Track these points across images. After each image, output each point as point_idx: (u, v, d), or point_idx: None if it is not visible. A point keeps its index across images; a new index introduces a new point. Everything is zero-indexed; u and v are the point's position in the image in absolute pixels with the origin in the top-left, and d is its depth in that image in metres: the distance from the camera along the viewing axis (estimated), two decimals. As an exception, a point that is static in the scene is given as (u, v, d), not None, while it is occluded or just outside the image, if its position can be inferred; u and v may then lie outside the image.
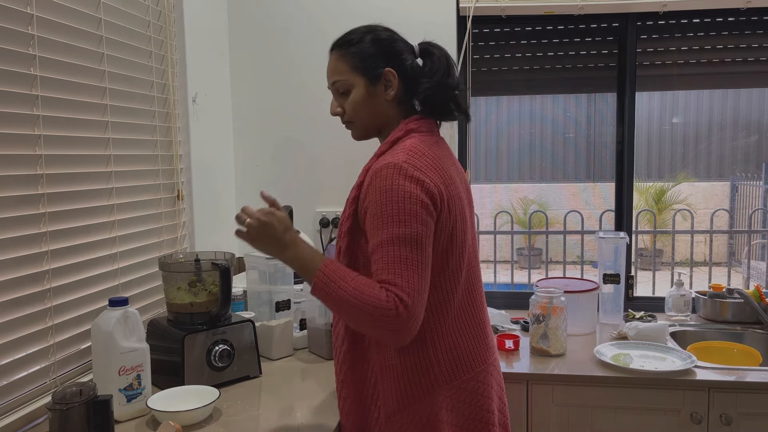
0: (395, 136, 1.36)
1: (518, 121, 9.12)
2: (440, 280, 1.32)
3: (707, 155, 9.25)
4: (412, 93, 1.40)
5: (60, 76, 1.56)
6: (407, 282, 1.20)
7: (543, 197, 8.96)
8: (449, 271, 1.33)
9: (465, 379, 1.35)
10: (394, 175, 1.24)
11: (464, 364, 1.35)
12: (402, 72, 1.38)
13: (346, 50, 1.39)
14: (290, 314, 1.98)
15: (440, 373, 1.32)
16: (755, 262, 6.35)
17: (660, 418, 1.87)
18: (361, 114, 1.41)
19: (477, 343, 1.39)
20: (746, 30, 2.46)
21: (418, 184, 1.24)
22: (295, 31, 2.54)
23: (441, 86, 1.38)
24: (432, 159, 1.31)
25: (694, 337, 2.28)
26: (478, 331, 1.40)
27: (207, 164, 2.35)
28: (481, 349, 1.40)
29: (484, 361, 1.40)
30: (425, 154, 1.31)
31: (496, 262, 4.77)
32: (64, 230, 1.58)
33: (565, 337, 2.06)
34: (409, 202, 1.23)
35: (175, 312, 1.72)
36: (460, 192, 1.37)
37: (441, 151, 1.37)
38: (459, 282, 1.36)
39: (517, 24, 2.54)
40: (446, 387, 1.33)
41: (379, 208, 1.24)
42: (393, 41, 1.40)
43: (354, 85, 1.39)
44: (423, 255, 1.23)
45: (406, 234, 1.22)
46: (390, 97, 1.38)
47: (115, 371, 1.46)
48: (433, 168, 1.29)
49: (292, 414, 1.53)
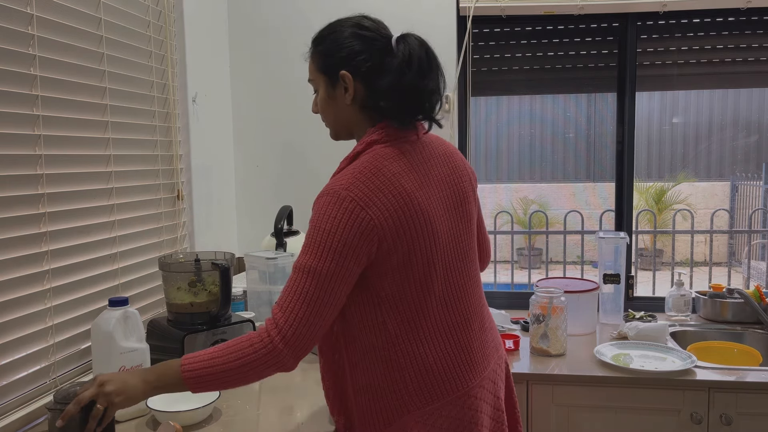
0: (356, 150, 1.29)
1: (518, 121, 9.11)
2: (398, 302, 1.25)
3: (707, 155, 9.25)
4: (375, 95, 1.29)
5: (60, 76, 1.56)
6: (290, 312, 1.17)
7: (543, 197, 8.96)
8: (411, 292, 1.25)
9: (440, 404, 1.26)
10: (329, 204, 1.20)
11: (438, 388, 1.26)
12: (359, 74, 1.28)
13: (314, 48, 1.35)
14: (290, 314, 1.98)
15: (409, 397, 1.25)
16: (755, 262, 6.35)
17: (660, 418, 1.87)
18: (326, 115, 1.38)
19: (455, 365, 1.28)
20: (746, 30, 2.46)
21: (353, 217, 1.18)
22: (294, 31, 2.54)
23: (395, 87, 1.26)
24: (384, 179, 1.22)
25: (694, 337, 2.28)
26: (457, 353, 1.29)
27: (207, 164, 2.35)
28: (462, 372, 1.29)
29: (465, 385, 1.28)
30: (378, 174, 1.22)
31: (496, 262, 4.76)
32: (64, 230, 1.58)
33: (565, 337, 2.06)
34: (332, 237, 1.18)
35: (175, 312, 1.72)
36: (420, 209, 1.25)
37: (405, 164, 1.27)
38: (428, 302, 1.27)
39: (517, 24, 2.54)
40: (417, 413, 1.25)
41: (308, 233, 1.21)
42: (356, 38, 1.29)
43: (319, 85, 1.35)
44: (324, 291, 1.18)
45: (316, 268, 1.18)
46: (348, 102, 1.30)
47: (115, 371, 1.45)
48: (379, 198, 1.20)
49: (292, 414, 1.53)
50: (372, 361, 1.27)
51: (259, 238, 2.36)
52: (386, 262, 1.23)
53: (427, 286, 1.27)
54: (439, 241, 1.29)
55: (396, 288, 1.25)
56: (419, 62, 1.26)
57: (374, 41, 1.29)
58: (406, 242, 1.23)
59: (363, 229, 1.19)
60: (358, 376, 1.29)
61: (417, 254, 1.25)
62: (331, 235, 1.18)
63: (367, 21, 1.33)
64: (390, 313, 1.26)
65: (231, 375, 1.18)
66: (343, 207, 1.19)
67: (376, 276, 1.24)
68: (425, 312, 1.27)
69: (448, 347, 1.29)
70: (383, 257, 1.22)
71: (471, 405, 1.29)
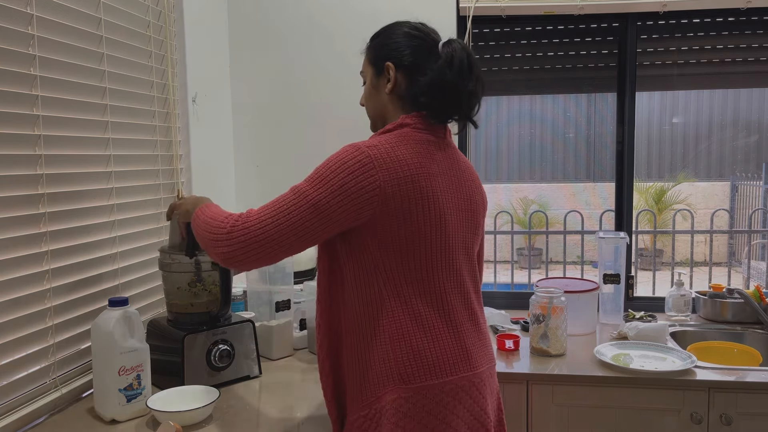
0: (387, 128, 1.36)
1: (518, 121, 9.12)
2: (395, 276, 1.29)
3: (707, 155, 9.25)
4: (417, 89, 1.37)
5: (60, 76, 1.56)
6: (260, 215, 1.25)
7: (543, 197, 8.96)
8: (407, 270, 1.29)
9: (426, 385, 1.26)
10: (347, 152, 1.26)
11: (427, 369, 1.27)
12: (401, 66, 1.37)
13: (369, 43, 1.45)
14: (290, 314, 1.98)
15: (397, 371, 1.27)
16: (755, 262, 6.35)
17: (660, 418, 1.87)
18: (367, 104, 1.46)
19: (447, 351, 1.29)
20: (746, 30, 2.46)
21: (362, 170, 1.24)
22: (295, 31, 2.54)
23: (436, 84, 1.34)
24: (400, 156, 1.27)
25: (694, 337, 2.28)
26: (449, 340, 1.31)
27: (207, 164, 2.35)
28: (454, 360, 1.30)
29: (455, 373, 1.29)
30: (397, 147, 1.28)
31: (496, 262, 4.77)
32: (64, 230, 1.58)
33: (565, 337, 2.06)
34: (336, 177, 1.24)
35: (175, 312, 1.72)
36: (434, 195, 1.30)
37: (426, 151, 1.32)
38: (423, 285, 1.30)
39: (517, 24, 2.54)
40: (403, 387, 1.26)
41: (317, 167, 1.28)
42: (407, 36, 1.39)
43: (367, 76, 1.45)
44: (301, 214, 1.24)
45: (306, 192, 1.25)
46: (388, 90, 1.38)
47: (115, 371, 1.46)
48: (394, 165, 1.25)
49: (292, 414, 1.53)
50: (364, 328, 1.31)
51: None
52: (386, 229, 1.26)
53: (422, 274, 1.31)
54: (448, 234, 1.33)
55: (397, 264, 1.29)
56: (460, 63, 1.34)
57: (421, 40, 1.39)
58: (409, 218, 1.27)
59: (365, 186, 1.24)
60: (354, 349, 1.33)
61: (417, 241, 1.29)
62: (334, 173, 1.24)
63: (420, 25, 1.43)
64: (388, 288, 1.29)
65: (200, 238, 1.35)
66: (357, 159, 1.24)
67: (377, 246, 1.28)
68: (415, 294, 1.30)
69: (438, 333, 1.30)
70: (382, 223, 1.26)
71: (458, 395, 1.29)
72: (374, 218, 1.26)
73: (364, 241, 1.28)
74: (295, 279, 2.03)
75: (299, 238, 1.25)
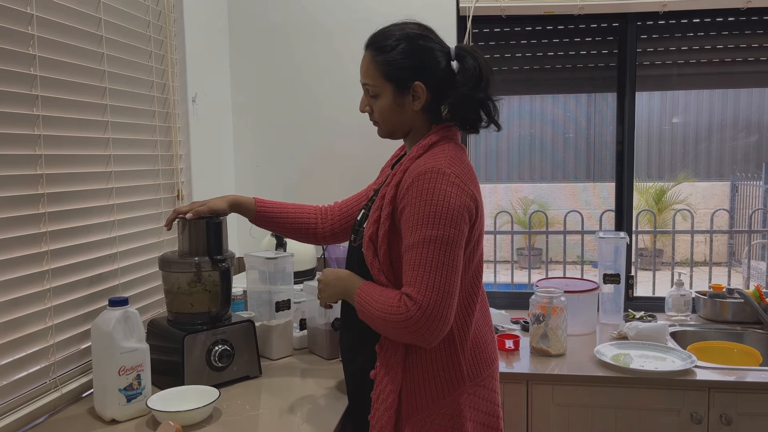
0: (430, 141, 1.38)
1: (518, 121, 9.11)
2: (466, 281, 1.37)
3: (707, 155, 9.25)
4: (439, 100, 1.41)
5: (60, 76, 1.56)
6: (423, 282, 1.26)
7: (543, 197, 8.96)
8: (471, 273, 1.39)
9: (485, 376, 1.41)
10: (437, 179, 1.29)
11: (486, 361, 1.41)
12: (431, 84, 1.39)
13: (379, 56, 1.40)
14: (290, 314, 1.98)
15: (467, 371, 1.37)
16: (755, 262, 6.34)
17: (660, 418, 1.87)
18: (387, 120, 1.44)
19: (493, 340, 1.47)
20: (746, 30, 2.46)
21: (459, 190, 1.29)
22: (295, 31, 2.54)
23: (468, 99, 1.38)
24: (468, 168, 1.36)
25: (694, 337, 2.28)
26: (491, 329, 1.48)
27: (207, 164, 2.35)
28: (495, 347, 1.48)
29: (497, 358, 1.48)
30: (463, 162, 1.36)
31: (496, 262, 4.76)
32: (64, 230, 1.58)
33: (565, 337, 2.06)
34: (447, 207, 1.27)
35: (175, 312, 1.72)
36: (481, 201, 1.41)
37: (469, 161, 1.42)
38: (480, 283, 1.43)
39: (517, 24, 2.54)
40: (470, 384, 1.37)
41: (418, 209, 1.28)
42: (426, 51, 1.39)
43: (383, 92, 1.41)
44: (451, 257, 1.27)
45: (439, 236, 1.27)
46: (417, 108, 1.40)
47: (115, 371, 1.46)
48: (470, 177, 1.35)
49: (292, 414, 1.53)
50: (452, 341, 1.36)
51: (259, 238, 2.36)
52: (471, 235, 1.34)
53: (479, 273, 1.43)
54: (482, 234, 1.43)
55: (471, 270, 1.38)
56: (480, 73, 1.38)
57: (441, 53, 1.40)
58: (479, 229, 1.37)
59: (467, 200, 1.30)
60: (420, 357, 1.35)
61: (480, 245, 1.40)
62: (445, 205, 1.27)
63: (426, 30, 1.43)
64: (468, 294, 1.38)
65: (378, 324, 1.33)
66: (449, 181, 1.29)
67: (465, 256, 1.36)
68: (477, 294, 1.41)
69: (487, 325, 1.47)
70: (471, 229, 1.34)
71: (497, 376, 1.47)
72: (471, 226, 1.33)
73: None
74: (295, 279, 2.03)
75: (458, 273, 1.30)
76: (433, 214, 1.27)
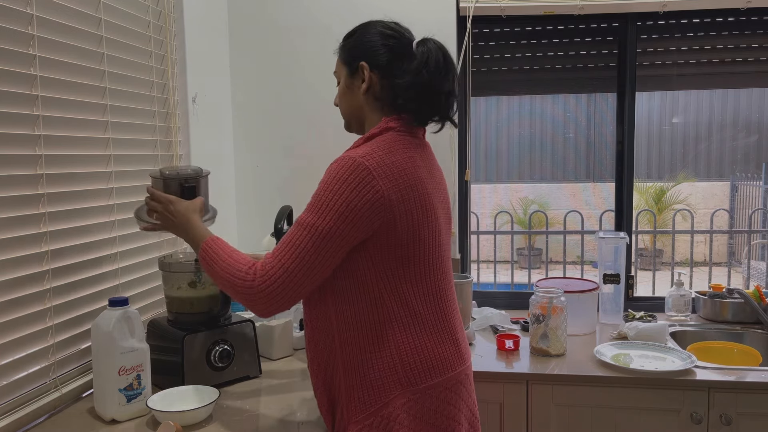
0: (372, 132, 1.34)
1: (518, 121, 9.12)
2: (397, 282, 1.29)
3: (707, 155, 9.25)
4: (394, 91, 1.35)
5: (60, 76, 1.56)
6: (278, 259, 1.23)
7: (543, 197, 8.96)
8: (409, 275, 1.30)
9: (431, 384, 1.30)
10: (342, 168, 1.24)
11: (431, 368, 1.30)
12: (376, 66, 1.35)
13: (343, 42, 1.44)
14: (290, 314, 1.98)
15: (404, 375, 1.28)
16: (755, 262, 6.35)
17: (660, 418, 1.87)
18: (342, 104, 1.45)
19: (446, 349, 1.33)
20: (746, 30, 2.46)
21: (363, 184, 1.22)
22: (295, 31, 2.54)
23: (414, 86, 1.32)
24: (396, 162, 1.27)
25: (694, 337, 2.28)
26: (447, 338, 1.34)
27: (207, 164, 2.34)
28: (452, 356, 1.34)
29: (454, 369, 1.34)
30: (390, 154, 1.28)
31: (496, 262, 4.77)
32: (64, 230, 1.58)
33: (565, 337, 2.06)
34: (337, 198, 1.22)
35: (175, 312, 1.72)
36: (429, 199, 1.33)
37: (414, 155, 1.33)
38: (422, 287, 1.32)
39: (517, 24, 2.54)
40: (410, 390, 1.28)
41: (316, 192, 1.27)
42: (377, 35, 1.37)
43: (341, 76, 1.43)
44: (317, 247, 1.22)
45: (314, 224, 1.23)
46: (363, 91, 1.37)
47: (115, 371, 1.46)
48: (393, 172, 1.26)
49: (292, 414, 1.53)
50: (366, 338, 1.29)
51: (259, 238, 2.36)
52: (390, 237, 1.26)
53: (422, 277, 1.32)
54: (439, 233, 1.36)
55: (401, 271, 1.29)
56: (436, 64, 1.33)
57: (396, 40, 1.37)
58: (411, 224, 1.28)
59: (370, 198, 1.23)
60: (352, 357, 1.30)
61: (416, 245, 1.30)
62: (337, 195, 1.22)
63: (394, 24, 1.41)
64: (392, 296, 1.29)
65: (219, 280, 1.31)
66: (356, 173, 1.23)
67: (381, 255, 1.27)
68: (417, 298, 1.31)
69: (439, 332, 1.34)
70: (386, 231, 1.26)
71: (456, 389, 1.34)
72: (380, 227, 1.25)
73: (368, 252, 1.27)
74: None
75: (323, 268, 1.25)
76: (319, 201, 1.24)
